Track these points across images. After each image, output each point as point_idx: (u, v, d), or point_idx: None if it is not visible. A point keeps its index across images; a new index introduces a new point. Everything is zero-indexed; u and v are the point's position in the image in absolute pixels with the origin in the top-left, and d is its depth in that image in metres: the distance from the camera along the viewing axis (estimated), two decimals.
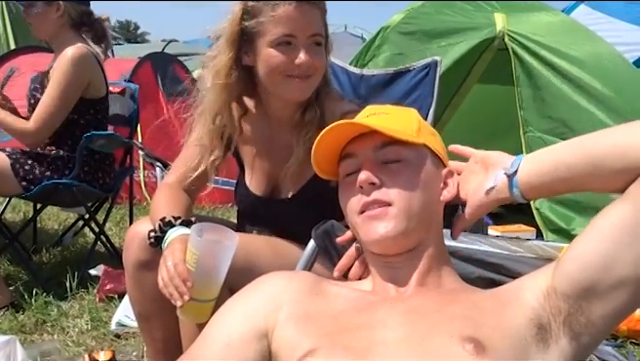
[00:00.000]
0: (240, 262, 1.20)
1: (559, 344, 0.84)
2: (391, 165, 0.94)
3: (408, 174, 0.94)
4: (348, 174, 0.97)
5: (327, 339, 0.85)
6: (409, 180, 0.93)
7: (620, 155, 0.82)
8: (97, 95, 2.53)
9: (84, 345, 2.06)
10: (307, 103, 1.40)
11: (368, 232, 0.93)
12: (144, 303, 1.40)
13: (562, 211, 2.94)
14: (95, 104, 2.54)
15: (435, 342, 0.81)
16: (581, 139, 0.88)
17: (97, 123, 2.57)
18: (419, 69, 1.94)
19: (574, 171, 0.86)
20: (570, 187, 0.89)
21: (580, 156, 0.86)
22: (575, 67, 3.01)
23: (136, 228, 1.38)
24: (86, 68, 2.45)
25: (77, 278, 2.49)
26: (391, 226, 0.91)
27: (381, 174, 0.93)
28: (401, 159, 0.94)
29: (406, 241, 0.93)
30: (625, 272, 0.81)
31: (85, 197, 2.63)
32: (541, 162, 0.90)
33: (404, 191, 0.92)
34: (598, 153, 0.84)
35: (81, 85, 2.44)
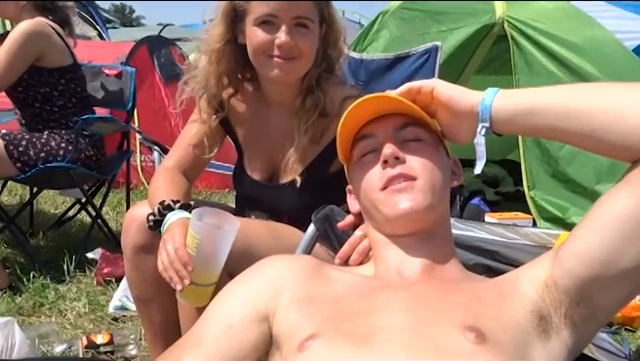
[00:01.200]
0: (239, 247, 1.20)
1: (560, 335, 0.84)
2: (412, 143, 0.95)
3: (429, 152, 0.95)
4: (365, 154, 0.96)
5: (329, 323, 0.85)
6: (430, 158, 0.94)
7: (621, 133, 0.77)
8: (60, 63, 2.53)
9: (81, 328, 2.06)
10: (307, 89, 1.39)
11: (394, 205, 0.91)
12: (143, 287, 1.40)
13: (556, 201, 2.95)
14: (64, 73, 2.54)
15: (437, 330, 0.81)
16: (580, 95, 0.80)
17: (73, 95, 2.57)
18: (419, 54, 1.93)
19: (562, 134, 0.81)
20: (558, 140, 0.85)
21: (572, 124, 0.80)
22: (573, 54, 3.00)
23: (134, 212, 1.38)
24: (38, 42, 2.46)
25: (75, 261, 2.50)
26: (419, 199, 0.91)
27: (403, 151, 0.93)
28: (421, 139, 0.95)
29: (429, 216, 0.93)
30: (629, 265, 0.79)
31: (81, 179, 2.62)
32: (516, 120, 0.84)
33: (427, 167, 0.93)
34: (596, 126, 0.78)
35: (28, 56, 2.45)
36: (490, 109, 0.86)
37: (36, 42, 2.46)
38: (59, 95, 2.53)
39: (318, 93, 1.38)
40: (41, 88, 2.50)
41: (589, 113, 0.80)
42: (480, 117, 0.87)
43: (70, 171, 2.49)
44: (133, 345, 1.90)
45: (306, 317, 0.87)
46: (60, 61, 2.54)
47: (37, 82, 2.49)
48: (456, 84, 0.94)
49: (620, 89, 0.81)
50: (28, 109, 2.54)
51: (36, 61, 2.47)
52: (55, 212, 3.52)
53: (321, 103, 1.38)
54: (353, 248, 1.08)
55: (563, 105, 0.81)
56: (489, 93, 0.87)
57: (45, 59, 2.49)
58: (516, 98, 0.85)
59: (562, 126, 0.81)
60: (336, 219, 1.20)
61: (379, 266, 0.96)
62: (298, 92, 1.40)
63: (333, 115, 1.38)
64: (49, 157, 2.47)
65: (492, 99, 0.86)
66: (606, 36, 3.22)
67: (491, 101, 0.86)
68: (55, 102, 2.53)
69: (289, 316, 0.89)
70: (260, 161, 1.50)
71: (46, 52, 2.49)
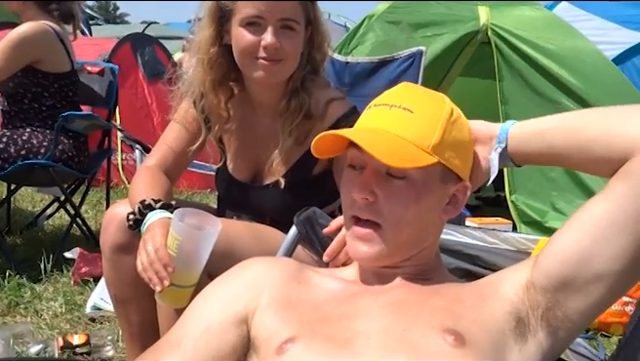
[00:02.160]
0: (220, 248, 1.20)
1: (537, 338, 0.85)
2: (394, 180, 0.88)
3: (407, 196, 0.88)
4: (353, 165, 0.92)
5: (307, 327, 0.85)
6: (406, 203, 0.88)
7: (606, 143, 0.84)
8: (57, 69, 2.52)
9: (58, 329, 2.03)
10: (292, 91, 1.38)
11: (352, 249, 0.92)
12: (121, 287, 1.38)
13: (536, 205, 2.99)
14: (58, 79, 2.52)
15: (416, 334, 0.81)
16: (573, 118, 0.89)
17: (64, 97, 2.55)
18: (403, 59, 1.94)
19: (561, 152, 0.88)
20: (559, 164, 0.92)
21: (567, 140, 0.87)
22: (553, 63, 3.04)
23: (114, 211, 1.36)
24: (34, 48, 2.44)
25: (52, 261, 2.46)
26: (375, 250, 0.89)
27: (380, 187, 0.88)
28: (406, 176, 0.88)
29: (391, 260, 0.92)
30: (602, 267, 0.82)
31: (61, 178, 2.59)
32: (528, 141, 0.91)
33: (396, 215, 0.88)
34: (585, 137, 0.86)
35: (22, 59, 2.43)
36: (507, 133, 0.92)
37: (32, 48, 2.44)
38: (49, 96, 2.51)
39: (303, 95, 1.38)
40: (33, 87, 2.47)
41: (581, 130, 0.87)
42: (498, 139, 0.93)
43: (50, 168, 2.45)
44: (110, 347, 1.88)
45: (285, 320, 0.87)
46: (58, 68, 2.52)
47: (30, 81, 2.47)
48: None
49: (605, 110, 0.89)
50: (15, 104, 2.51)
51: (34, 63, 2.45)
52: (32, 210, 3.47)
53: (306, 105, 1.37)
54: (342, 245, 1.08)
55: (562, 125, 0.89)
56: (508, 122, 0.94)
57: (43, 63, 2.47)
58: (528, 124, 0.93)
59: (562, 144, 0.88)
60: (318, 221, 1.20)
61: (361, 271, 0.96)
62: (282, 93, 1.40)
63: (317, 117, 1.38)
64: (29, 155, 2.44)
65: (510, 125, 0.93)
66: (586, 46, 3.28)
67: (509, 127, 0.93)
68: (44, 102, 2.50)
69: (267, 319, 0.89)
70: (243, 162, 1.49)
71: (44, 57, 2.47)
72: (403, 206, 0.88)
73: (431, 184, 0.90)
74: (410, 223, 0.89)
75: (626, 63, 4.26)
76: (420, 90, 0.99)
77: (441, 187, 0.91)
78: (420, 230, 0.91)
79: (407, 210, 0.88)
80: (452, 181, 0.92)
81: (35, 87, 2.47)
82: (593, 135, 0.85)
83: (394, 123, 0.89)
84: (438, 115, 0.90)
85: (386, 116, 0.90)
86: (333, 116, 1.38)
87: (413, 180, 0.88)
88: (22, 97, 2.48)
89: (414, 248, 0.92)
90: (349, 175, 0.92)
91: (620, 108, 0.88)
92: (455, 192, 0.92)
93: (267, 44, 1.31)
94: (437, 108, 0.92)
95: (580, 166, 0.90)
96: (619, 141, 0.83)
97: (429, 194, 0.90)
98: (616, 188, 0.83)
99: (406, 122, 0.89)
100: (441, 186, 0.91)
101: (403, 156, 0.86)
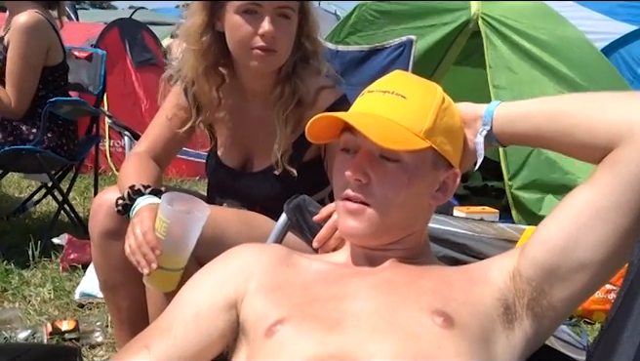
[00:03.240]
0: (209, 234, 1.20)
1: (522, 325, 0.86)
2: (387, 162, 0.90)
3: (399, 178, 0.89)
4: (346, 149, 0.93)
5: (296, 309, 0.85)
6: (398, 186, 0.89)
7: (589, 129, 0.85)
8: (53, 62, 2.51)
9: (46, 315, 2.03)
10: (283, 78, 1.38)
11: (342, 224, 0.93)
12: (110, 273, 1.38)
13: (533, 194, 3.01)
14: (53, 71, 2.51)
15: (405, 314, 0.82)
16: (557, 102, 0.90)
17: (56, 87, 2.53)
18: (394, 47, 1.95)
19: (545, 135, 0.89)
20: (544, 146, 0.93)
21: (552, 124, 0.88)
22: (544, 52, 3.06)
23: (103, 197, 1.36)
24: (43, 34, 2.43)
25: (40, 247, 2.45)
26: (363, 226, 0.90)
27: (373, 170, 0.89)
28: (399, 160, 0.89)
29: (379, 240, 0.93)
30: (586, 256, 0.83)
31: (49, 164, 2.57)
32: (513, 122, 0.91)
33: (388, 197, 0.89)
34: (569, 122, 0.86)
35: (42, 51, 2.43)
36: (492, 114, 0.92)
37: (43, 33, 2.42)
38: (43, 88, 2.49)
39: (296, 80, 1.37)
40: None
41: (565, 113, 0.87)
42: (483, 121, 0.93)
43: (37, 154, 2.44)
44: (99, 332, 1.88)
45: (274, 303, 0.88)
46: (54, 60, 2.50)
47: None
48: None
49: (590, 95, 0.90)
50: None
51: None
52: (19, 196, 3.44)
53: (299, 91, 1.37)
54: (332, 230, 1.09)
55: (547, 108, 0.90)
56: (493, 103, 0.94)
57: (47, 55, 2.45)
58: (513, 105, 0.94)
59: (546, 127, 0.89)
60: (308, 208, 1.21)
61: (351, 253, 0.97)
62: (275, 81, 1.39)
63: (308, 104, 1.38)
64: (17, 141, 2.42)
65: (495, 106, 0.93)
66: (576, 36, 3.29)
67: (494, 108, 0.93)
68: (37, 94, 2.47)
69: (256, 302, 0.89)
70: (233, 149, 1.49)
71: (51, 46, 2.45)
72: (395, 188, 0.89)
73: (423, 169, 0.91)
74: (400, 206, 0.90)
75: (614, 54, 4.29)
76: (413, 77, 1.00)
77: (432, 173, 0.92)
78: (409, 214, 0.92)
79: (398, 193, 0.89)
80: (442, 168, 0.93)
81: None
82: (576, 120, 0.86)
83: (387, 108, 0.90)
84: (430, 101, 0.92)
85: (380, 101, 0.91)
86: (323, 104, 1.38)
87: (405, 163, 0.89)
88: None
89: (402, 231, 0.94)
90: (342, 158, 0.93)
91: (604, 95, 0.89)
92: (445, 179, 0.94)
93: (265, 32, 1.30)
94: (429, 95, 0.93)
95: (565, 149, 0.90)
96: (601, 128, 0.84)
97: (421, 179, 0.91)
98: (601, 177, 0.84)
99: (399, 107, 0.90)
100: (432, 172, 0.92)
101: (396, 139, 0.87)
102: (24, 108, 2.43)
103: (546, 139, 0.90)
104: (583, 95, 0.91)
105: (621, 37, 4.44)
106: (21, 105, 2.42)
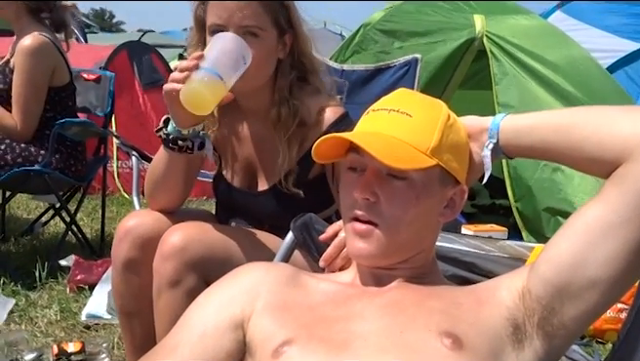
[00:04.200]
0: (218, 254, 1.20)
1: (532, 345, 0.85)
2: (395, 181, 0.89)
3: (408, 197, 0.89)
4: (353, 168, 0.93)
5: (304, 330, 0.85)
6: (406, 204, 0.89)
7: (597, 143, 0.84)
8: (59, 82, 2.53)
9: (53, 336, 2.02)
10: (280, 100, 1.38)
11: (351, 246, 0.92)
12: (129, 300, 1.39)
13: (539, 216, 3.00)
14: (60, 92, 2.53)
15: (413, 336, 0.81)
16: (565, 116, 0.89)
17: (64, 108, 2.55)
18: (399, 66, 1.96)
19: (552, 148, 0.88)
20: (551, 159, 0.93)
21: (559, 137, 0.87)
22: (549, 70, 3.06)
23: (128, 224, 1.37)
24: (47, 56, 2.45)
25: (47, 268, 2.45)
26: (372, 248, 0.89)
27: (381, 188, 0.89)
28: (407, 177, 0.89)
29: (388, 260, 0.92)
30: (597, 273, 0.82)
31: (57, 185, 2.58)
32: (519, 135, 0.91)
33: (396, 216, 0.89)
34: (576, 137, 0.86)
35: (47, 72, 2.45)
36: (498, 127, 0.92)
37: (48, 55, 2.44)
38: (50, 109, 2.51)
39: (293, 102, 1.37)
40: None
41: (572, 127, 0.87)
42: (489, 134, 0.92)
43: (45, 176, 2.45)
44: (105, 354, 1.86)
45: (281, 323, 0.87)
46: (60, 81, 2.53)
47: None
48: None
49: (598, 109, 0.89)
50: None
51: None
52: (27, 217, 3.46)
53: (299, 113, 1.37)
54: (339, 250, 1.08)
55: (554, 122, 0.89)
56: (499, 115, 0.94)
57: (52, 76, 2.47)
58: (520, 117, 0.93)
59: (553, 141, 0.88)
60: (314, 226, 1.20)
61: (358, 274, 0.96)
62: (270, 102, 1.39)
63: (310, 124, 1.38)
64: (26, 163, 2.44)
65: (501, 118, 0.93)
66: (581, 54, 3.30)
67: (500, 120, 0.92)
68: (44, 115, 2.49)
69: (263, 322, 0.89)
70: (238, 169, 1.49)
71: (56, 66, 2.48)
72: (403, 207, 0.89)
73: (431, 187, 0.91)
74: (409, 225, 0.90)
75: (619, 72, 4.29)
76: (418, 95, 1.00)
77: (440, 190, 0.92)
78: (417, 232, 0.92)
79: (407, 211, 0.89)
80: (450, 185, 0.93)
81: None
82: (585, 134, 0.85)
83: (393, 126, 0.90)
84: (436, 119, 0.92)
85: (385, 120, 0.91)
86: (325, 122, 1.38)
87: (413, 181, 0.89)
88: None
89: (411, 250, 0.93)
90: (349, 177, 0.92)
91: (613, 109, 0.88)
92: (452, 195, 0.94)
93: None
94: (435, 112, 0.93)
95: (573, 163, 0.89)
96: (610, 142, 0.83)
97: (429, 196, 0.91)
98: (610, 193, 0.83)
99: (405, 125, 0.90)
100: (440, 189, 0.92)
101: (403, 158, 0.87)
102: (31, 131, 2.45)
103: (554, 152, 0.89)
104: (592, 108, 0.90)
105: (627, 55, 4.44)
106: (28, 128, 2.44)
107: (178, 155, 1.32)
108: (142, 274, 1.32)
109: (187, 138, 1.30)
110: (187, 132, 1.30)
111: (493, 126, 0.92)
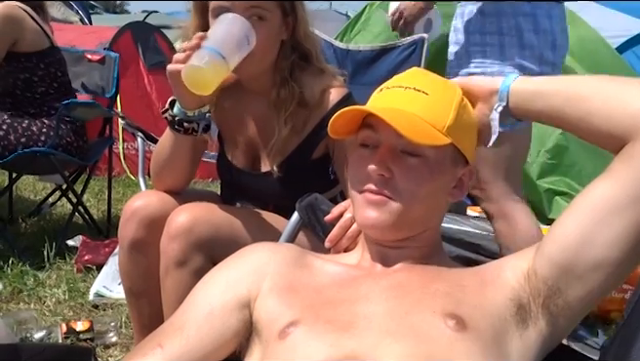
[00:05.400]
0: (224, 234, 1.20)
1: (537, 325, 0.85)
2: (409, 157, 0.89)
3: (422, 173, 0.89)
4: (365, 144, 0.92)
5: (310, 311, 0.85)
6: (420, 180, 0.89)
7: (606, 117, 0.82)
8: (35, 47, 2.49)
9: (61, 315, 2.04)
10: (281, 81, 1.37)
11: (362, 215, 0.91)
12: (136, 280, 1.40)
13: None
14: (42, 57, 2.51)
15: (418, 317, 0.82)
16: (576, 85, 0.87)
17: (53, 79, 2.53)
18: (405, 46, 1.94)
19: (561, 117, 0.87)
20: (559, 126, 0.91)
21: (568, 106, 0.85)
22: None
23: (134, 205, 1.38)
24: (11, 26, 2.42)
25: (55, 248, 2.47)
26: (385, 218, 0.89)
27: (395, 164, 0.89)
28: (421, 155, 0.89)
29: (398, 233, 0.92)
30: (603, 253, 0.81)
31: (62, 165, 2.59)
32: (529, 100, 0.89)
33: (411, 191, 0.89)
34: (586, 108, 0.84)
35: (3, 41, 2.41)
36: (508, 89, 0.90)
37: (9, 26, 2.42)
38: (39, 80, 2.50)
39: (292, 84, 1.37)
40: (20, 74, 2.46)
41: (582, 98, 0.85)
42: (499, 96, 0.91)
43: (51, 156, 2.46)
44: (113, 333, 1.89)
45: (287, 304, 0.88)
46: (37, 45, 2.50)
47: (15, 68, 2.45)
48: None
49: (611, 80, 0.87)
50: (9, 96, 2.50)
51: (12, 47, 2.43)
52: (34, 198, 3.48)
53: (297, 94, 1.36)
54: (344, 230, 1.08)
55: (565, 90, 0.87)
56: (509, 77, 0.92)
57: (20, 43, 2.45)
58: (531, 81, 0.91)
59: (562, 109, 0.86)
60: (320, 207, 1.20)
61: (364, 254, 0.96)
62: (272, 83, 1.39)
63: (313, 105, 1.38)
64: (29, 142, 2.44)
65: (512, 80, 0.91)
66: (590, 33, 3.26)
67: (510, 82, 0.91)
68: (36, 89, 2.49)
69: (269, 303, 0.89)
70: (241, 150, 1.49)
71: (20, 36, 2.45)
72: (418, 183, 0.89)
73: (443, 165, 0.91)
74: (421, 201, 0.90)
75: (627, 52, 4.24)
76: (432, 74, 0.99)
77: (451, 169, 0.93)
78: (428, 209, 0.92)
79: (421, 187, 0.89)
80: (460, 164, 0.94)
81: (22, 72, 2.46)
82: (595, 107, 0.83)
83: (410, 103, 0.90)
84: (451, 98, 0.92)
85: (402, 97, 0.91)
86: (329, 103, 1.38)
87: (427, 158, 0.90)
88: (13, 87, 2.47)
89: (420, 226, 0.93)
90: (362, 153, 0.92)
91: (627, 82, 0.85)
92: (461, 176, 0.94)
93: None
94: (450, 92, 0.94)
95: (581, 134, 0.87)
96: (619, 117, 0.81)
97: (442, 174, 0.91)
98: (619, 172, 0.82)
99: (422, 103, 0.90)
100: (451, 168, 0.93)
101: (422, 133, 0.87)
102: None
103: (562, 120, 0.88)
104: (604, 78, 0.88)
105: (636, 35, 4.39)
106: None
107: (183, 137, 1.32)
108: (149, 254, 1.33)
109: (193, 120, 1.30)
110: (193, 113, 1.29)
111: (503, 88, 0.91)
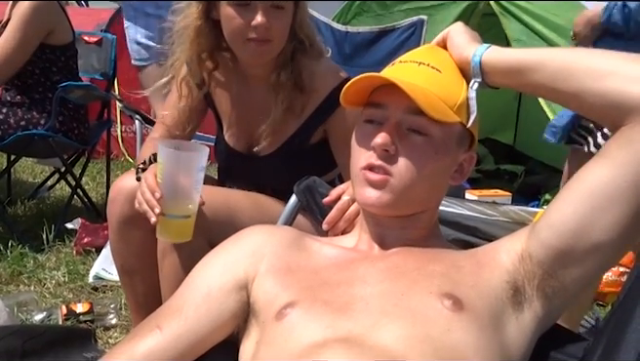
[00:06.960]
0: (222, 216, 1.21)
1: (532, 307, 0.85)
2: (414, 135, 0.88)
3: (427, 152, 0.88)
4: (370, 120, 0.91)
5: (307, 292, 0.86)
6: (425, 159, 0.88)
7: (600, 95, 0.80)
8: (63, 41, 2.49)
9: (61, 297, 2.06)
10: (282, 64, 1.37)
11: (362, 192, 0.91)
12: (128, 258, 1.40)
13: None
14: (64, 51, 2.50)
15: (414, 298, 0.82)
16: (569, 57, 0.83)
17: (69, 70, 2.53)
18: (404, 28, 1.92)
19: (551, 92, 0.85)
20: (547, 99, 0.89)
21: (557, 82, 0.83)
22: (555, 35, 3.00)
23: (120, 183, 1.38)
24: (47, 15, 2.41)
25: (54, 231, 2.47)
26: (385, 197, 0.89)
27: (400, 142, 0.88)
28: (427, 134, 0.88)
29: (397, 212, 0.92)
30: (600, 237, 0.81)
31: (61, 149, 2.59)
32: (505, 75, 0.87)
33: (413, 170, 0.88)
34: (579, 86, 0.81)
35: (40, 32, 2.40)
36: (479, 64, 0.89)
37: (47, 17, 2.40)
38: (57, 71, 2.49)
39: (292, 67, 1.37)
40: (41, 63, 2.45)
41: (573, 73, 0.82)
42: (472, 72, 0.90)
43: (49, 139, 2.45)
44: (113, 315, 1.90)
45: (284, 286, 0.88)
46: (64, 39, 2.49)
47: (38, 59, 2.44)
48: None
49: (603, 54, 0.84)
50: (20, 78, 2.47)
51: (44, 38, 2.41)
52: (33, 181, 3.48)
53: (296, 76, 1.36)
54: (342, 213, 1.09)
55: (555, 66, 0.84)
56: (480, 48, 0.89)
57: (52, 35, 2.44)
58: (507, 54, 0.88)
59: (550, 85, 0.84)
60: (318, 190, 1.21)
61: (361, 236, 0.97)
62: (273, 67, 1.39)
63: (311, 89, 1.38)
64: (29, 126, 2.43)
65: (481, 53, 0.89)
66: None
67: (480, 57, 0.89)
68: (51, 78, 2.48)
69: (266, 284, 0.90)
70: (238, 131, 1.50)
71: (54, 28, 2.44)
72: (422, 161, 0.88)
73: (449, 145, 0.91)
74: (423, 180, 0.89)
75: None
76: (445, 52, 0.97)
77: (455, 151, 0.92)
78: (429, 189, 0.92)
79: (425, 165, 0.89)
80: (464, 147, 0.94)
81: (44, 62, 2.45)
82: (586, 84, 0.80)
83: (424, 79, 0.90)
84: (462, 78, 0.92)
85: (415, 72, 0.91)
86: (327, 87, 1.38)
87: (433, 137, 0.89)
88: (31, 73, 2.45)
89: (419, 206, 0.93)
90: (366, 128, 0.91)
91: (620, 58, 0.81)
92: (463, 161, 0.94)
93: (258, 24, 1.28)
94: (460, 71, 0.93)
95: (572, 107, 0.86)
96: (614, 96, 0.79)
97: (446, 155, 0.91)
98: (617, 156, 0.80)
99: (435, 79, 0.90)
100: (455, 150, 0.92)
101: (436, 107, 0.87)
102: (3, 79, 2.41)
103: (550, 96, 0.86)
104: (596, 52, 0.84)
105: None
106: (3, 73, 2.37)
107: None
108: (139, 231, 1.31)
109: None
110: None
111: (474, 64, 0.89)
